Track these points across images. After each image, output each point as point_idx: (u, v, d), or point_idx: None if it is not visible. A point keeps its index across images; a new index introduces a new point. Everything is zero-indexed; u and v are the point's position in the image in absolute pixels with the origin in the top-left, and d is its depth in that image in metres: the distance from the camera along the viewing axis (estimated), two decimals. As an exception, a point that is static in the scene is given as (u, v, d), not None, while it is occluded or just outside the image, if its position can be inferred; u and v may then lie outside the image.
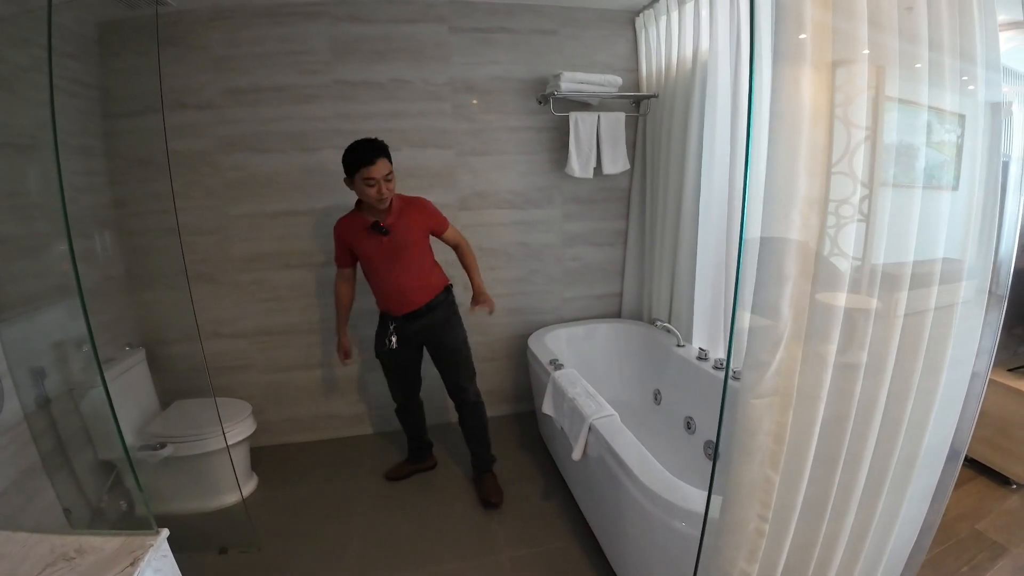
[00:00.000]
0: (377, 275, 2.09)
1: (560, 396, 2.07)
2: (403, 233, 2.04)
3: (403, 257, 2.06)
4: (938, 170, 1.35)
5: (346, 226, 2.07)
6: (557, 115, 2.56)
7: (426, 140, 2.52)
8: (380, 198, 1.92)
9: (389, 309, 2.14)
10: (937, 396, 1.25)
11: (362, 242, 2.04)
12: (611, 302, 3.00)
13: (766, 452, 1.04)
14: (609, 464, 1.67)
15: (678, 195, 2.48)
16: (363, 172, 1.88)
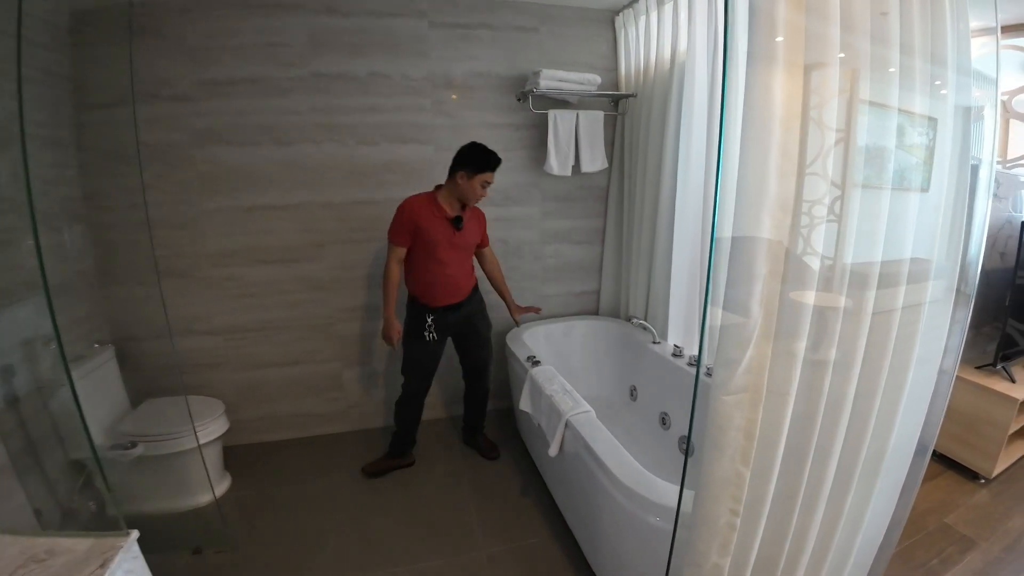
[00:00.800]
0: (435, 263, 2.14)
1: (537, 393, 2.08)
2: (469, 233, 2.22)
3: (462, 253, 2.23)
4: (909, 172, 1.38)
5: (421, 208, 2.10)
6: (536, 112, 2.55)
7: (404, 135, 2.49)
8: (479, 199, 2.13)
9: (431, 300, 2.19)
10: (904, 392, 1.28)
11: (435, 229, 2.10)
12: (589, 299, 3.02)
13: (737, 448, 1.05)
14: (585, 460, 1.69)
15: (655, 194, 2.49)
16: (486, 175, 2.08)
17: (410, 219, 2.09)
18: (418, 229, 2.09)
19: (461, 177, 2.08)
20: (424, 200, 2.12)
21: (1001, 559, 1.83)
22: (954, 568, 1.80)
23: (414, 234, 2.10)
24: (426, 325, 2.18)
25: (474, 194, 2.08)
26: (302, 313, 2.54)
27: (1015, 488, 2.23)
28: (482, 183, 2.08)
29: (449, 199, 2.13)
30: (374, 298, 2.61)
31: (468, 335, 2.37)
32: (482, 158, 2.06)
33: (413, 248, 2.14)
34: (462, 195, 2.10)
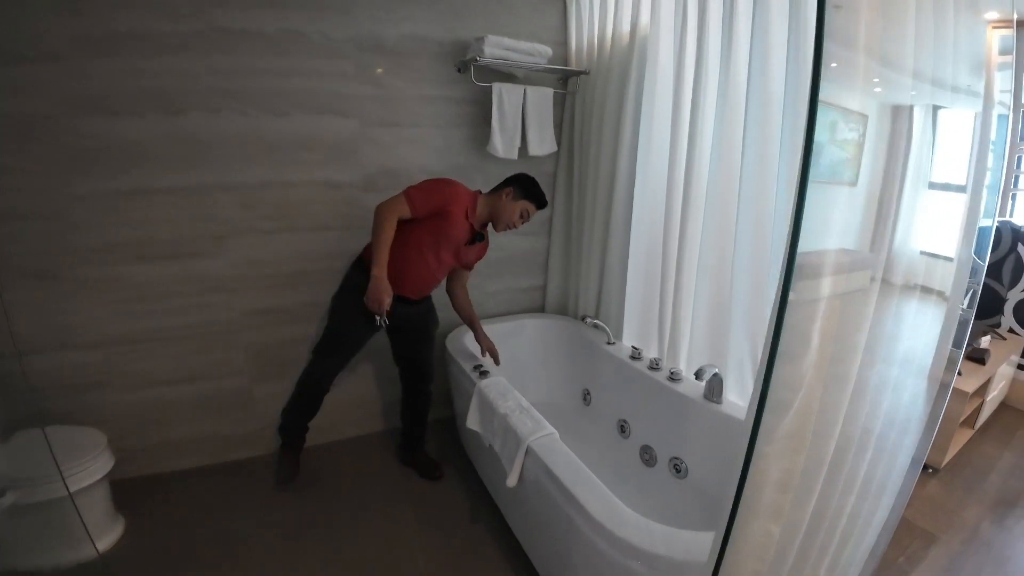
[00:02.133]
0: (429, 256, 2.00)
1: (489, 411, 1.86)
2: (475, 254, 2.15)
3: (454, 263, 2.11)
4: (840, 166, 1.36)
5: (461, 200, 1.97)
6: (479, 85, 2.30)
7: (323, 105, 2.15)
8: (510, 228, 2.05)
9: (395, 287, 1.92)
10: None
11: (456, 226, 1.98)
12: (536, 295, 2.85)
13: (771, 505, 0.92)
14: (551, 492, 1.51)
15: (609, 183, 2.35)
16: (531, 208, 2.04)
17: (446, 197, 1.93)
18: (443, 215, 1.92)
19: (507, 194, 2.01)
20: (468, 196, 2.00)
21: (963, 553, 1.88)
22: (920, 565, 1.82)
23: (434, 214, 1.92)
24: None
25: (510, 218, 2.01)
26: (200, 319, 2.15)
27: (962, 477, 2.33)
28: (523, 212, 2.02)
29: (483, 211, 2.04)
30: (287, 299, 2.28)
31: (412, 331, 2.18)
32: (536, 189, 2.04)
33: (419, 226, 1.93)
34: (497, 213, 2.01)
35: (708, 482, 1.90)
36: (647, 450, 2.14)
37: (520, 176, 2.05)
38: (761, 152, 1.70)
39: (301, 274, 2.28)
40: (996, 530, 2.00)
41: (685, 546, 1.22)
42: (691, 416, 1.97)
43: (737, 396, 1.92)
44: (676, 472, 2.01)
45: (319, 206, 2.23)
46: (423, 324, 2.21)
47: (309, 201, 2.22)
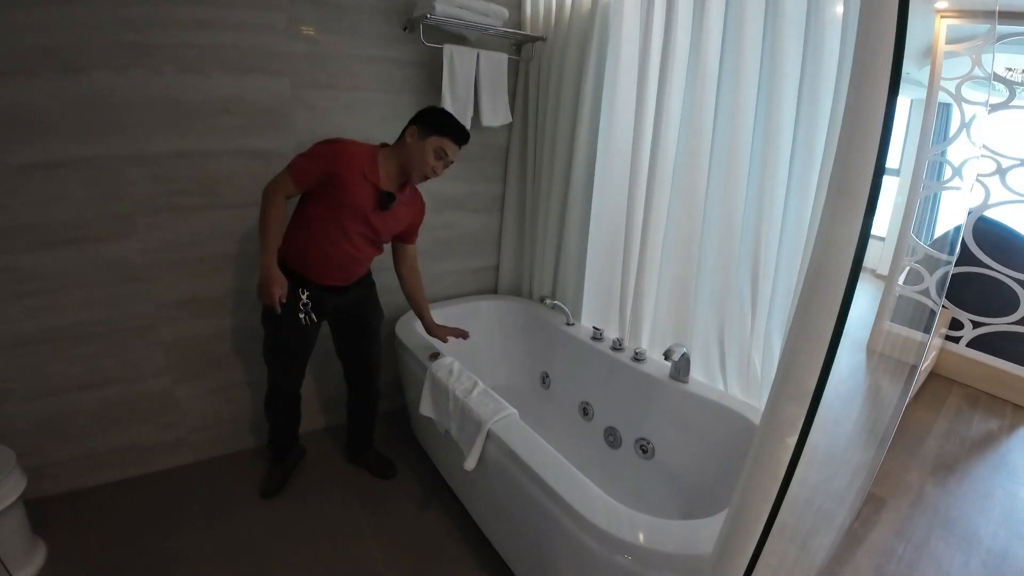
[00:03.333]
0: (334, 232, 1.76)
1: (443, 394, 1.81)
2: (395, 220, 1.86)
3: (372, 236, 1.83)
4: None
5: (351, 158, 1.70)
6: (428, 46, 2.15)
7: (248, 63, 1.93)
8: (431, 175, 1.78)
9: (309, 272, 1.80)
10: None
11: (356, 192, 1.71)
12: (488, 276, 2.78)
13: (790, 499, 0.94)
14: (515, 476, 1.49)
15: (567, 157, 2.31)
16: (444, 142, 1.73)
17: (329, 161, 1.67)
18: (333, 180, 1.68)
19: (411, 135, 1.73)
20: (361, 152, 1.72)
21: (912, 516, 2.05)
22: (875, 528, 1.97)
23: (323, 183, 1.69)
24: (300, 303, 1.77)
25: (422, 161, 1.72)
26: (112, 314, 1.90)
27: (902, 443, 2.53)
28: (436, 151, 1.72)
29: (390, 166, 1.76)
30: (211, 287, 2.06)
31: (351, 326, 2.01)
32: (448, 121, 1.74)
33: (313, 199, 1.73)
34: (407, 161, 1.74)
35: (675, 462, 1.95)
36: (612, 432, 2.17)
37: (424, 110, 1.78)
38: (733, 129, 1.72)
39: (226, 257, 2.07)
40: (940, 492, 2.21)
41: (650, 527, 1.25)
42: (657, 396, 2.00)
43: (704, 375, 1.98)
44: (643, 453, 2.05)
45: (245, 179, 2.02)
46: (362, 315, 2.01)
47: (233, 174, 2.00)
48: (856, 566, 1.84)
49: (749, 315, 1.83)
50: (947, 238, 2.01)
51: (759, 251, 1.74)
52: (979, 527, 2.12)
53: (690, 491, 1.87)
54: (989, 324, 3.24)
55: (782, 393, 0.86)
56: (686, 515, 1.81)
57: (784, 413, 0.86)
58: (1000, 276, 3.09)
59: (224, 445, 2.26)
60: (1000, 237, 3.12)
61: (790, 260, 1.68)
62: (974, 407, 3.07)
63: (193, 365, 2.11)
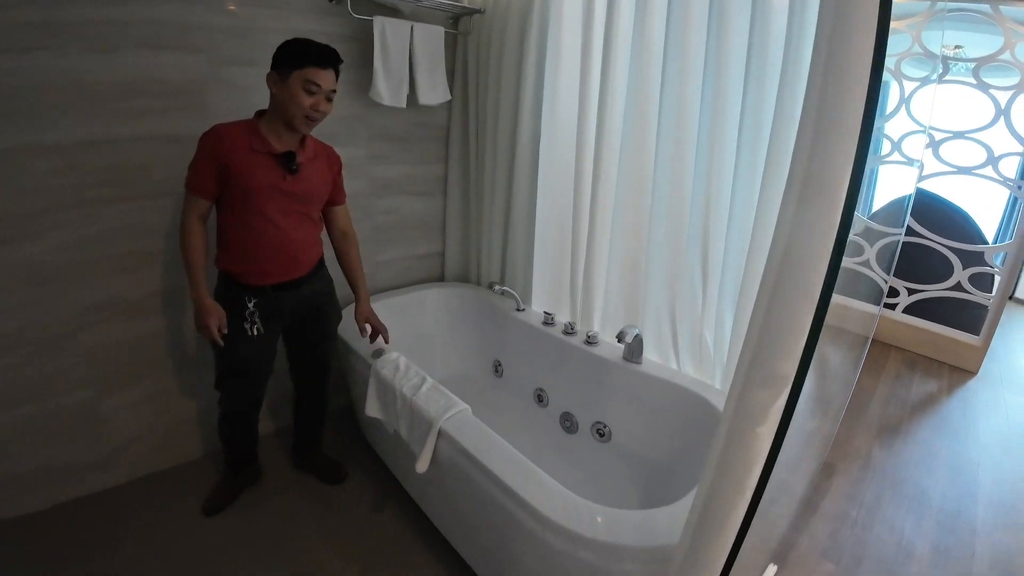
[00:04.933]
0: (259, 220, 1.64)
1: (389, 393, 1.78)
2: (311, 181, 1.72)
3: (302, 208, 1.73)
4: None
5: (232, 140, 1.57)
6: (357, 19, 2.07)
7: (160, 39, 1.80)
8: (314, 116, 1.60)
9: (253, 276, 1.69)
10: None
11: (255, 170, 1.59)
12: (434, 263, 2.75)
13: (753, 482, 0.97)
14: (470, 474, 1.49)
15: (511, 136, 2.30)
16: (308, 73, 1.54)
17: (214, 154, 1.56)
18: (228, 170, 1.56)
19: (273, 83, 1.57)
20: (239, 129, 1.60)
21: (862, 479, 2.19)
22: (828, 495, 2.10)
23: (223, 178, 1.58)
24: (246, 313, 1.68)
25: (295, 104, 1.54)
26: (21, 323, 1.75)
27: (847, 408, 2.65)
28: (305, 85, 1.53)
29: (275, 126, 1.62)
30: (130, 287, 1.94)
31: (308, 325, 1.89)
32: (302, 47, 1.55)
33: (226, 201, 1.63)
34: (284, 112, 1.58)
35: (633, 444, 2.01)
36: (568, 417, 2.20)
37: (276, 51, 1.58)
38: (679, 103, 1.75)
39: (145, 255, 1.94)
40: (887, 455, 2.37)
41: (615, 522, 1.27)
42: (611, 379, 2.05)
43: (657, 355, 2.03)
44: (600, 437, 2.10)
45: (161, 167, 1.89)
46: (319, 314, 1.90)
47: (148, 162, 1.87)
48: (812, 533, 1.95)
49: (700, 294, 1.88)
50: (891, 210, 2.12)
51: (708, 229, 1.79)
52: (928, 487, 2.28)
53: (649, 472, 1.93)
54: (924, 291, 3.46)
55: (751, 378, 0.88)
56: (646, 496, 1.87)
57: (755, 399, 0.88)
58: (933, 245, 3.30)
59: (161, 459, 2.15)
60: (933, 207, 3.33)
61: (740, 237, 1.73)
62: (912, 370, 3.29)
63: (119, 374, 1.99)
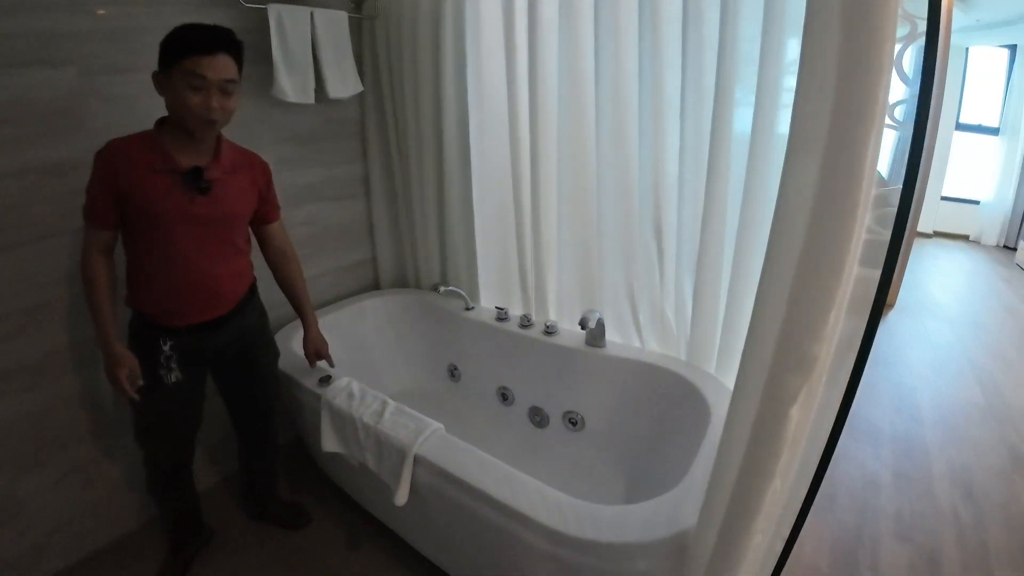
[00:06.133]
0: (170, 251, 1.41)
1: (348, 425, 1.63)
2: (228, 201, 1.47)
3: (221, 233, 1.49)
4: None
5: (127, 159, 1.33)
6: (249, 8, 1.85)
7: (22, 54, 1.52)
8: (206, 116, 1.31)
9: (167, 316, 1.47)
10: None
11: (156, 194, 1.35)
12: (366, 271, 2.59)
13: (784, 465, 0.94)
14: (458, 498, 1.40)
15: (435, 125, 2.19)
16: (189, 63, 1.27)
17: (107, 177, 1.32)
18: (125, 195, 1.33)
19: (159, 84, 1.33)
20: (137, 144, 1.35)
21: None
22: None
23: (123, 203, 1.34)
24: (160, 358, 1.46)
25: (184, 107, 1.29)
26: None
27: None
28: (188, 80, 1.27)
29: (178, 137, 1.37)
30: (24, 351, 1.64)
31: (239, 369, 1.68)
32: (170, 38, 1.30)
33: (130, 231, 1.41)
34: (177, 117, 1.34)
35: (607, 428, 2.00)
36: (536, 412, 2.15)
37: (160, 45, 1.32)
38: (616, 72, 1.71)
39: (35, 310, 1.65)
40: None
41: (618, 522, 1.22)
42: (576, 367, 2.02)
43: (619, 336, 2.01)
44: (572, 426, 2.07)
45: (38, 204, 1.60)
46: (247, 352, 1.67)
47: (22, 200, 1.58)
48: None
49: (657, 269, 1.88)
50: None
51: (659, 202, 1.78)
52: (877, 419, 2.45)
53: (628, 452, 1.93)
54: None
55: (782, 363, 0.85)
56: (629, 479, 1.87)
57: (786, 385, 0.86)
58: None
59: (96, 538, 1.88)
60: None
61: (692, 207, 1.72)
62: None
63: (28, 453, 1.70)
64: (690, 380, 1.74)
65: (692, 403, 1.68)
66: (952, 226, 6.33)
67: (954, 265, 5.26)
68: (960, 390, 2.81)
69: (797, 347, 0.83)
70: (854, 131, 0.72)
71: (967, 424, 2.51)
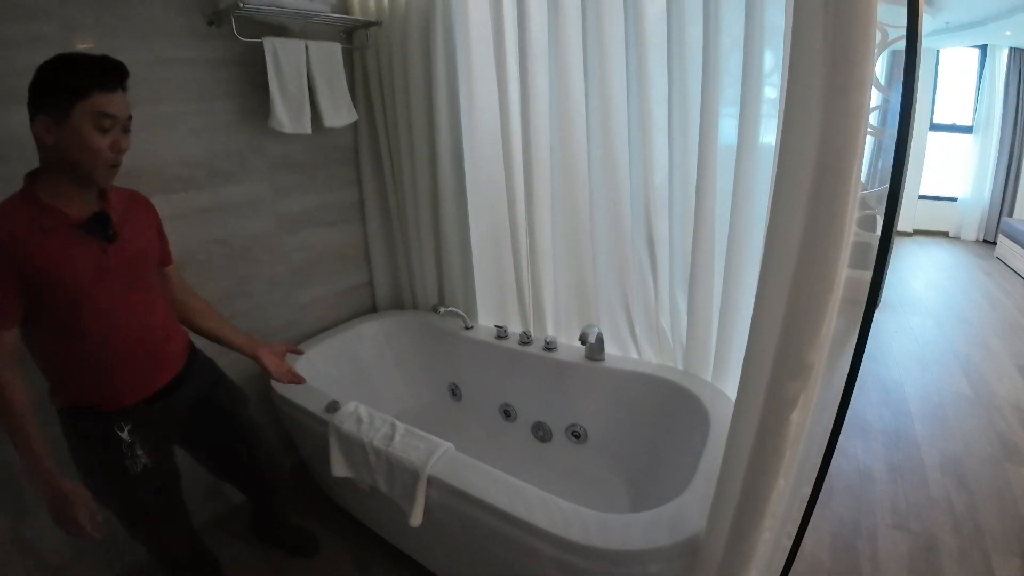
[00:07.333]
0: (97, 322, 1.25)
1: (358, 449, 1.66)
2: (136, 240, 1.35)
3: (140, 282, 1.35)
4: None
5: (12, 229, 1.14)
6: (244, 41, 1.91)
7: (13, 89, 1.45)
8: (113, 162, 1.22)
9: (113, 397, 1.31)
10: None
11: (63, 257, 1.18)
12: (362, 294, 2.65)
13: (787, 465, 1.02)
14: (474, 516, 1.43)
15: (430, 151, 2.27)
16: (94, 102, 1.14)
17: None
18: (26, 273, 1.15)
19: (44, 130, 1.14)
20: (13, 209, 1.17)
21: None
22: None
23: (20, 287, 1.15)
24: (123, 448, 1.31)
25: (87, 151, 1.16)
26: None
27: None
28: (96, 121, 1.15)
29: (61, 188, 1.20)
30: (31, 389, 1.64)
31: (209, 428, 1.57)
32: (71, 68, 1.15)
33: (37, 315, 1.20)
34: (70, 165, 1.18)
35: (610, 439, 2.07)
36: (539, 427, 2.21)
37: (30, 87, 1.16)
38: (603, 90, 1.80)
39: None
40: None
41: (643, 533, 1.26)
42: (577, 381, 2.09)
43: (617, 348, 2.08)
44: (575, 439, 2.13)
45: None
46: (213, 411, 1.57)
47: None
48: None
49: (651, 281, 1.95)
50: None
51: (651, 215, 1.86)
52: (866, 413, 2.54)
53: (631, 463, 1.99)
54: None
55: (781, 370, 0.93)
56: (634, 488, 1.93)
57: (786, 391, 0.93)
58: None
59: None
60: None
61: (683, 218, 1.79)
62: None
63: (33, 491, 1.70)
64: (688, 389, 1.82)
65: (691, 411, 1.75)
66: (931, 224, 6.54)
67: (935, 261, 5.44)
68: (947, 381, 2.94)
69: (795, 355, 0.91)
70: (842, 140, 0.80)
71: (956, 414, 2.62)
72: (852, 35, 0.76)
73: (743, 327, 1.12)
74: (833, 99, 0.79)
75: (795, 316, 0.89)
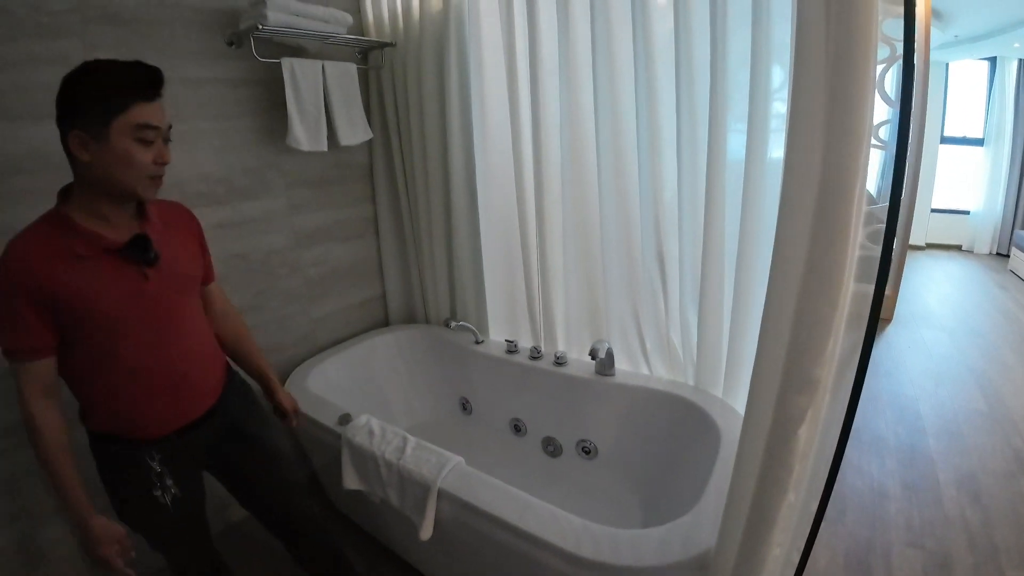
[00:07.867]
0: (126, 347, 1.17)
1: (370, 462, 1.69)
2: (180, 259, 1.27)
3: (182, 307, 1.27)
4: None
5: (42, 256, 1.07)
6: (262, 61, 1.97)
7: (40, 108, 1.58)
8: (159, 173, 1.14)
9: (146, 428, 1.25)
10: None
11: (97, 285, 1.11)
12: (375, 308, 2.69)
13: (798, 480, 1.03)
14: (482, 530, 1.45)
15: (443, 168, 2.31)
16: (136, 114, 1.06)
17: (27, 289, 1.05)
18: (58, 301, 1.08)
19: (80, 146, 1.05)
20: (44, 233, 1.10)
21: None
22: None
23: (54, 316, 1.09)
24: (152, 476, 1.25)
25: (134, 167, 1.09)
26: None
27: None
28: (137, 133, 1.07)
29: (96, 208, 1.12)
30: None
31: (246, 452, 1.48)
32: (109, 78, 1.07)
33: (71, 341, 1.14)
34: (110, 183, 1.09)
35: (621, 455, 2.08)
36: (550, 442, 2.23)
37: (59, 100, 1.07)
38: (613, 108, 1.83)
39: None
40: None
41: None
42: (587, 396, 2.11)
43: (628, 364, 2.10)
44: (586, 455, 2.14)
45: None
46: (249, 440, 1.48)
47: None
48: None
49: (661, 297, 1.97)
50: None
51: (660, 231, 1.88)
52: (880, 430, 2.53)
53: (642, 478, 2.00)
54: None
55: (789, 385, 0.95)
56: (645, 503, 1.94)
57: (793, 406, 0.95)
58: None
59: None
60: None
61: (693, 233, 1.81)
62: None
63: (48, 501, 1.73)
64: (699, 404, 1.83)
65: (702, 427, 1.76)
66: (944, 237, 6.50)
67: (948, 275, 5.41)
68: (962, 397, 2.92)
69: (802, 370, 0.93)
70: (844, 156, 0.82)
71: (971, 430, 2.61)
72: (853, 52, 0.78)
73: (753, 342, 1.14)
74: (835, 115, 0.81)
75: (802, 331, 0.91)
